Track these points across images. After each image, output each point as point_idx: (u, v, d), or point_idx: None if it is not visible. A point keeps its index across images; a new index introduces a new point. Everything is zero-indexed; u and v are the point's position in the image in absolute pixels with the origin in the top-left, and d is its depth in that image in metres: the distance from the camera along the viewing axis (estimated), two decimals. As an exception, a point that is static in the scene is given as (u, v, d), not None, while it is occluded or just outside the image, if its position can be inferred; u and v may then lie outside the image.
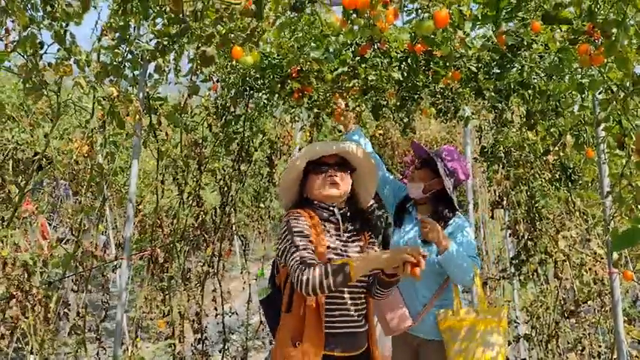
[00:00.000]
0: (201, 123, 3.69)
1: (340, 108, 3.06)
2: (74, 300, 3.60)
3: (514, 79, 2.88)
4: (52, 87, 2.01)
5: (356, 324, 2.05)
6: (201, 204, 3.88)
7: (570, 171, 3.15)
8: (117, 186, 5.62)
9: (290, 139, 5.38)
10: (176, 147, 3.61)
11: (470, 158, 4.82)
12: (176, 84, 2.71)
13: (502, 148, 3.57)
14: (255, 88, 3.48)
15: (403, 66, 2.96)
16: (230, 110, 3.72)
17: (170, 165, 4.12)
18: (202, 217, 3.91)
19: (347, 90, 3.23)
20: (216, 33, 1.74)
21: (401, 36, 2.85)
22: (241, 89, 3.50)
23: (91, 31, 2.12)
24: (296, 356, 1.91)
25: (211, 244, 4.09)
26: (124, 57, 2.22)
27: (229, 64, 3.23)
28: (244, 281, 5.54)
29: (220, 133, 3.75)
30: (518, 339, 4.13)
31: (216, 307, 4.39)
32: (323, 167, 2.12)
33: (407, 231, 2.75)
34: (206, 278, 4.07)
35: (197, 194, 3.83)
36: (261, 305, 2.28)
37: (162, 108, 2.99)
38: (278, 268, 2.16)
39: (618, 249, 1.22)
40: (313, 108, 3.80)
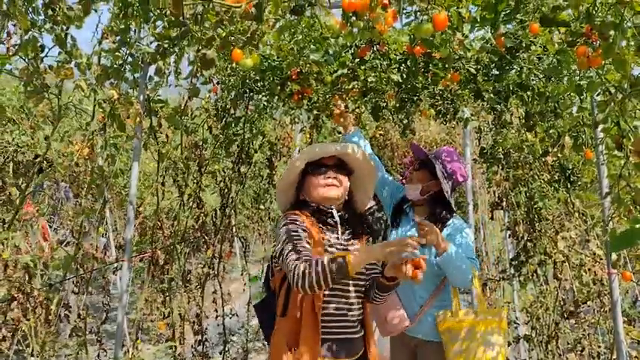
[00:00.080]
0: (201, 125, 3.70)
1: (339, 109, 3.06)
2: (75, 302, 3.60)
3: (513, 81, 2.88)
4: (53, 90, 2.02)
5: (352, 329, 2.03)
6: (201, 206, 3.89)
7: (569, 172, 3.16)
8: (117, 188, 5.62)
9: (290, 141, 5.39)
10: (176, 149, 3.62)
11: (469, 159, 4.82)
12: (176, 86, 2.72)
13: (501, 150, 3.57)
14: (255, 90, 3.48)
15: (402, 68, 2.97)
16: (230, 112, 3.72)
17: (170, 167, 4.13)
18: (203, 219, 3.92)
19: (346, 92, 3.24)
20: (216, 36, 1.75)
21: (400, 38, 2.86)
22: (241, 91, 3.51)
23: (92, 35, 2.13)
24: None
25: (212, 246, 4.09)
26: (125, 60, 2.23)
27: (229, 67, 3.23)
28: (244, 283, 5.55)
29: (220, 135, 3.76)
30: (518, 340, 4.13)
31: (216, 309, 4.39)
32: (322, 169, 2.09)
33: (404, 232, 2.74)
34: (206, 280, 4.08)
35: (197, 196, 3.84)
36: (255, 310, 2.25)
37: (162, 110, 3.00)
38: (273, 272, 2.13)
39: (616, 250, 1.23)
40: (313, 110, 3.81)
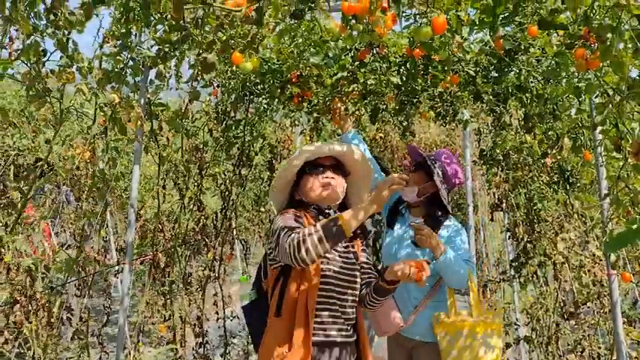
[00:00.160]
0: (201, 128, 3.71)
1: (337, 108, 3.06)
2: (76, 305, 3.61)
3: (512, 83, 2.90)
4: (55, 94, 2.03)
5: (345, 333, 2.01)
6: (202, 208, 3.90)
7: (568, 174, 3.17)
8: (118, 191, 5.64)
9: (290, 144, 5.40)
10: (177, 152, 3.63)
11: (469, 161, 4.84)
12: (177, 89, 2.73)
13: (501, 151, 3.58)
14: (255, 93, 3.50)
15: (402, 70, 2.98)
16: (230, 115, 3.73)
17: (171, 170, 4.14)
18: (204, 222, 3.93)
19: (346, 94, 3.24)
20: (217, 40, 1.76)
21: (399, 41, 2.88)
22: (241, 94, 3.52)
23: (93, 39, 2.14)
24: None
25: (212, 249, 4.10)
26: (126, 64, 2.24)
27: (229, 70, 3.24)
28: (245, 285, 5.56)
29: (221, 138, 3.77)
30: (518, 341, 4.13)
31: (217, 311, 4.40)
32: (319, 168, 2.07)
33: (400, 233, 2.75)
34: (207, 282, 4.08)
35: (198, 199, 3.85)
36: (243, 312, 2.19)
37: (163, 113, 3.01)
38: (265, 273, 2.11)
39: (612, 250, 1.24)
40: (313, 112, 3.82)
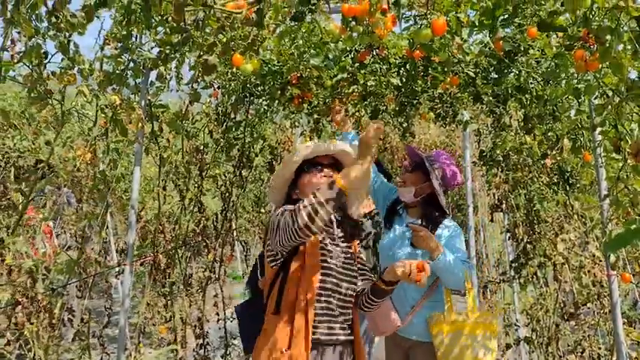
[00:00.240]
0: (202, 129, 3.71)
1: (337, 109, 3.07)
2: (77, 306, 3.61)
3: (511, 84, 2.91)
4: (56, 96, 2.04)
5: (344, 332, 2.02)
6: (202, 210, 3.90)
7: (568, 174, 3.17)
8: (119, 193, 5.64)
9: (290, 145, 5.40)
10: (177, 153, 3.64)
11: (469, 162, 4.85)
12: (177, 91, 2.74)
13: (500, 152, 3.59)
14: (255, 95, 3.51)
15: (402, 72, 2.99)
16: (231, 116, 3.74)
17: (171, 171, 4.15)
18: (204, 223, 3.93)
19: (346, 96, 3.26)
20: (217, 42, 1.76)
21: (399, 42, 2.89)
22: (242, 96, 3.53)
23: (95, 41, 2.15)
24: None
25: (213, 250, 4.11)
26: (127, 66, 2.25)
27: (230, 72, 3.25)
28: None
29: (221, 139, 3.78)
30: (518, 342, 4.14)
31: (217, 312, 4.40)
32: (318, 167, 2.08)
33: (397, 234, 2.76)
34: (207, 284, 4.09)
35: (199, 200, 3.85)
36: (235, 311, 2.15)
37: (163, 115, 3.02)
38: (263, 271, 2.10)
39: (611, 250, 1.25)
40: (313, 114, 3.84)
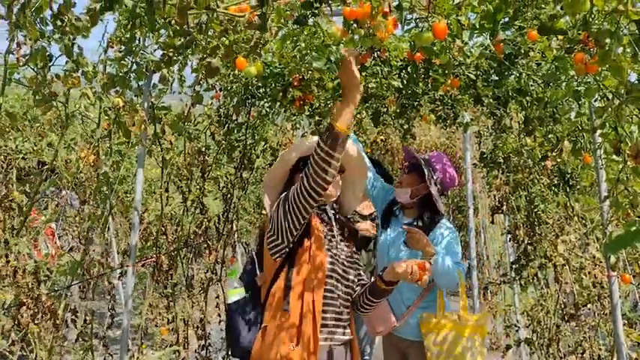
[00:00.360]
0: (204, 131, 3.72)
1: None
2: (78, 307, 3.62)
3: (512, 87, 2.92)
4: (61, 98, 2.05)
5: (346, 331, 2.02)
6: (204, 211, 3.92)
7: (568, 176, 3.19)
8: (121, 194, 5.65)
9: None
10: (179, 155, 3.65)
11: (469, 164, 4.86)
12: (180, 93, 2.75)
13: (501, 154, 3.60)
14: (257, 97, 3.52)
15: (403, 74, 3.00)
16: (232, 118, 3.76)
17: (172, 173, 4.16)
18: (206, 225, 3.95)
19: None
20: (220, 45, 1.78)
21: (400, 45, 2.90)
22: (243, 98, 3.54)
23: (98, 43, 2.17)
24: (295, 357, 1.82)
25: (214, 251, 4.12)
26: (130, 68, 2.26)
27: (232, 74, 3.27)
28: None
29: (223, 141, 3.79)
30: (519, 343, 4.14)
31: (219, 314, 4.41)
32: None
33: (393, 234, 2.78)
34: (209, 285, 4.10)
35: (200, 201, 3.87)
36: (230, 308, 2.07)
37: (166, 117, 3.03)
38: (262, 265, 2.07)
39: (612, 252, 1.26)
40: (314, 115, 3.85)
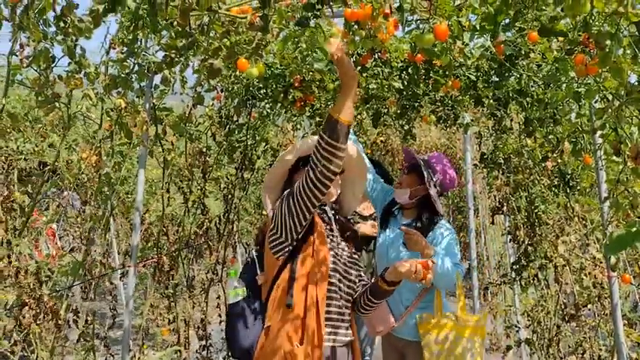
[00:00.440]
0: (205, 132, 3.73)
1: None
2: (80, 308, 3.62)
3: (512, 88, 2.93)
4: (63, 99, 2.06)
5: (347, 331, 2.02)
6: (206, 212, 3.92)
7: (569, 177, 3.19)
8: (122, 195, 5.66)
9: (292, 147, 5.40)
10: (180, 156, 3.66)
11: (470, 164, 4.87)
12: (181, 94, 2.76)
13: (502, 155, 3.61)
14: (258, 98, 3.53)
15: (404, 75, 3.01)
16: (233, 119, 3.77)
17: (173, 173, 4.16)
18: (207, 225, 3.95)
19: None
20: (222, 46, 1.78)
21: (401, 46, 2.91)
22: (244, 98, 3.55)
23: (101, 45, 2.18)
24: (300, 356, 1.81)
25: (215, 252, 4.12)
26: (132, 69, 2.27)
27: (233, 75, 3.27)
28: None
29: (224, 142, 3.80)
30: (519, 344, 4.15)
31: (220, 314, 4.42)
32: None
33: (391, 235, 2.78)
34: (210, 285, 4.10)
35: (202, 202, 3.87)
36: (230, 308, 2.04)
37: (167, 118, 3.04)
38: (263, 265, 2.06)
39: (612, 252, 1.27)
40: (315, 116, 3.86)
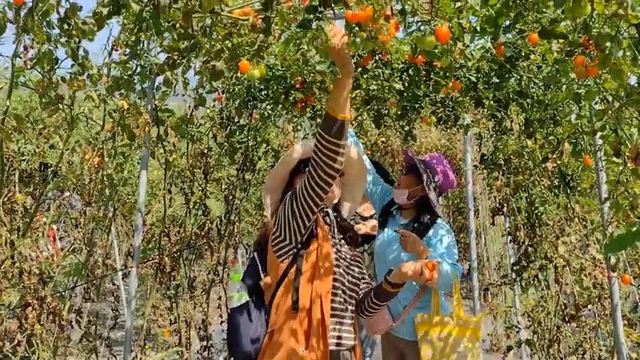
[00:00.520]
0: (206, 133, 3.74)
1: None
2: (83, 308, 3.63)
3: (513, 89, 2.94)
4: (66, 101, 2.07)
5: (350, 335, 2.00)
6: (207, 213, 3.94)
7: (569, 178, 3.20)
8: (123, 196, 5.67)
9: (292, 149, 5.41)
10: (182, 157, 3.67)
11: (470, 165, 4.88)
12: (183, 96, 2.77)
13: (502, 156, 3.62)
14: (259, 99, 3.54)
15: (404, 76, 3.02)
16: (234, 120, 3.78)
17: (174, 174, 4.17)
18: (208, 226, 3.97)
19: (349, 100, 3.28)
20: (225, 48, 1.79)
21: (402, 47, 2.92)
22: (245, 100, 3.56)
23: (103, 46, 2.18)
24: (306, 357, 1.80)
25: (216, 253, 4.13)
26: (134, 71, 2.27)
27: (234, 76, 3.28)
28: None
29: (225, 143, 3.81)
30: (520, 344, 4.15)
31: (221, 315, 4.43)
32: None
33: (389, 235, 2.79)
34: (211, 286, 4.11)
35: (203, 203, 3.88)
36: (233, 313, 2.02)
37: (169, 119, 3.05)
38: (265, 267, 2.05)
39: (612, 252, 1.28)
40: (316, 117, 3.87)
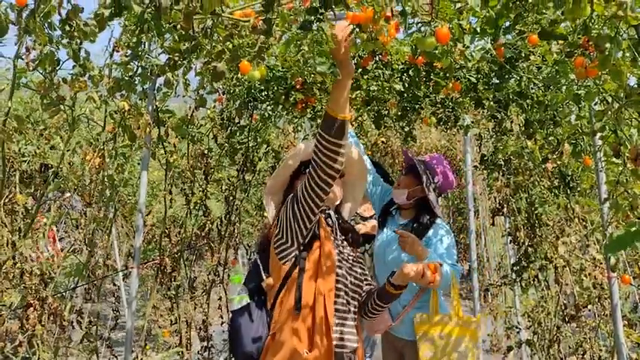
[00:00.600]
0: (206, 134, 3.75)
1: None
2: (83, 309, 3.63)
3: (513, 90, 2.95)
4: (68, 102, 2.08)
5: (354, 337, 2.01)
6: (207, 213, 3.94)
7: (569, 178, 3.21)
8: (124, 197, 5.67)
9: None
10: (182, 158, 3.68)
11: (470, 166, 4.88)
12: (184, 97, 2.78)
13: (502, 156, 3.63)
14: (259, 100, 3.54)
15: (404, 77, 3.03)
16: (235, 121, 3.78)
17: (175, 175, 4.17)
18: (209, 227, 3.97)
19: (349, 101, 3.29)
20: (226, 49, 1.80)
21: (402, 48, 2.93)
22: (246, 101, 3.57)
23: (105, 48, 2.19)
24: (310, 358, 1.80)
25: (216, 253, 4.14)
26: (135, 72, 2.28)
27: (234, 77, 3.29)
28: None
29: (225, 144, 3.81)
30: (520, 345, 4.16)
31: (221, 315, 4.44)
32: None
33: (389, 236, 2.80)
34: (212, 287, 4.12)
35: (203, 204, 3.89)
36: (234, 315, 2.05)
37: (170, 120, 3.06)
38: (268, 268, 2.06)
39: (612, 252, 1.29)
40: (316, 118, 3.87)
